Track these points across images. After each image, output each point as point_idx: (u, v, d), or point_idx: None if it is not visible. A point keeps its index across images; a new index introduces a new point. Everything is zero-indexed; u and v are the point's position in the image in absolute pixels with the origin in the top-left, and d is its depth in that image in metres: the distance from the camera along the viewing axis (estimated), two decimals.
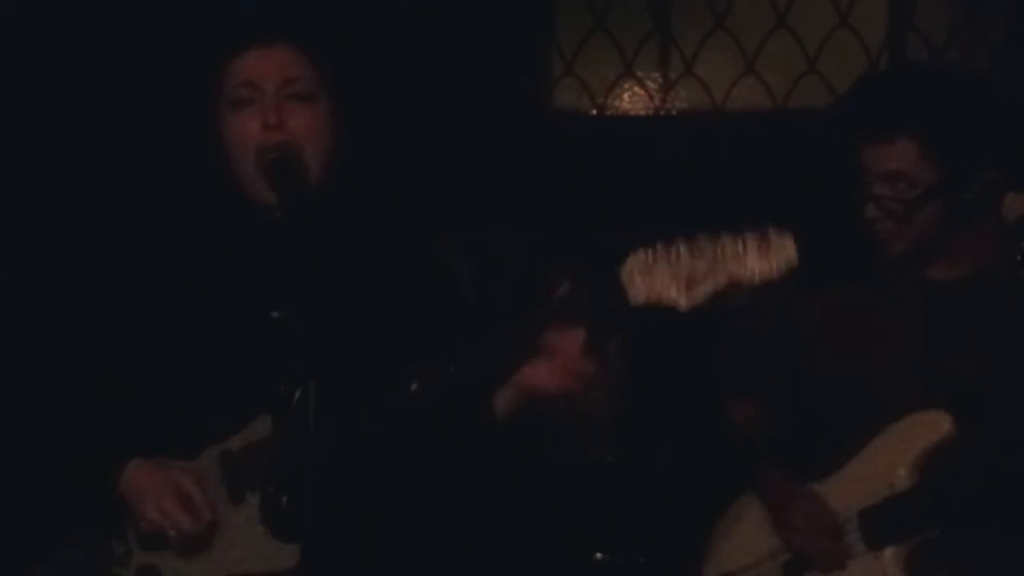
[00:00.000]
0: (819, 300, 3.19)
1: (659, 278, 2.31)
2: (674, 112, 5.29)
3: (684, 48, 5.24)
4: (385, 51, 4.45)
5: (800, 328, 3.17)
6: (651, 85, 5.31)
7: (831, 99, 5.09)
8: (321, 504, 2.33)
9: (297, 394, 2.42)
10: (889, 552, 3.00)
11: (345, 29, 2.74)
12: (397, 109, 4.44)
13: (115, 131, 4.05)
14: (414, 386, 2.41)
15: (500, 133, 4.96)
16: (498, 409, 2.48)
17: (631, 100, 5.34)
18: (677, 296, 2.32)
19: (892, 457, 3.01)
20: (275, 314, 2.45)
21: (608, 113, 5.33)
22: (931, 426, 2.98)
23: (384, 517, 2.58)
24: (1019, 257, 3.02)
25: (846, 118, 3.14)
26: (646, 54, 5.29)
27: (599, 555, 4.11)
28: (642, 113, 5.32)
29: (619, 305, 2.34)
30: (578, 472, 4.18)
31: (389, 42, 4.53)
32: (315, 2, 2.74)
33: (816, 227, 2.60)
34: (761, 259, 2.30)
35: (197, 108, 2.55)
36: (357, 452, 2.44)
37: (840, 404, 3.12)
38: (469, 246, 4.99)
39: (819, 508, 3.07)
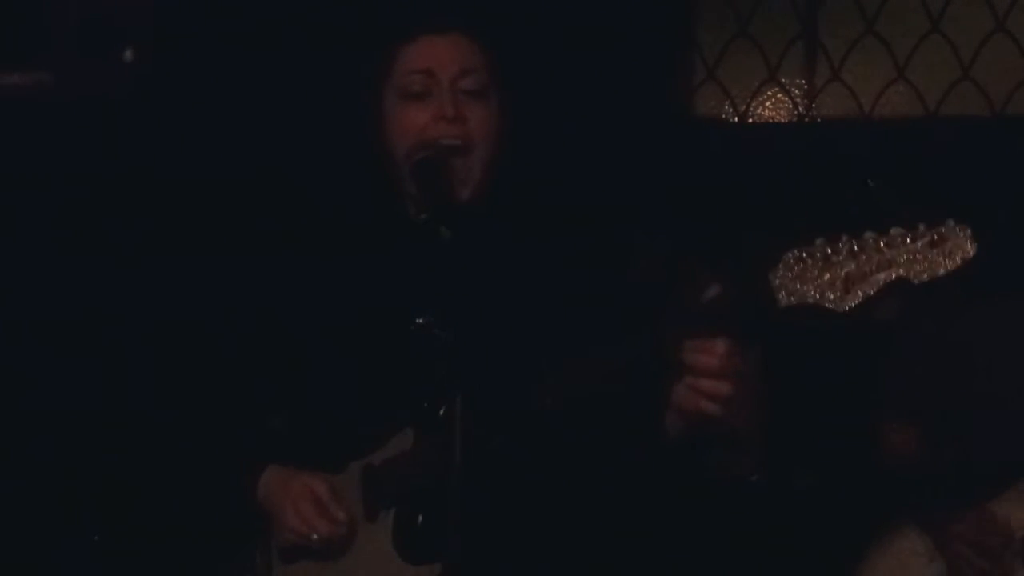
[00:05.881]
0: (989, 315, 3.04)
1: (814, 280, 2.13)
2: (819, 120, 5.14)
3: (832, 54, 5.09)
4: (543, 51, 4.37)
5: (971, 348, 3.03)
6: (796, 92, 5.17)
7: (986, 107, 4.91)
8: (460, 524, 2.20)
9: (442, 408, 2.32)
10: None
11: (510, 24, 2.63)
12: (551, 110, 4.36)
13: (272, 120, 3.98)
14: (540, 401, 2.29)
15: (640, 139, 4.85)
16: (667, 429, 2.33)
17: (775, 107, 5.20)
18: (835, 299, 2.13)
19: None
20: (419, 320, 2.34)
21: (751, 120, 5.20)
22: None
23: (527, 538, 2.46)
24: None
25: None
26: (791, 60, 5.15)
27: None
28: (786, 120, 5.18)
29: (767, 311, 2.17)
30: (721, 491, 4.04)
31: (545, 43, 4.44)
32: None
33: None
34: (935, 253, 2.08)
35: (362, 94, 2.44)
36: (497, 469, 2.32)
37: (1008, 425, 2.99)
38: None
39: (984, 528, 2.94)
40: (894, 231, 2.10)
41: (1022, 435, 2.95)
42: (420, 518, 2.35)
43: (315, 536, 2.37)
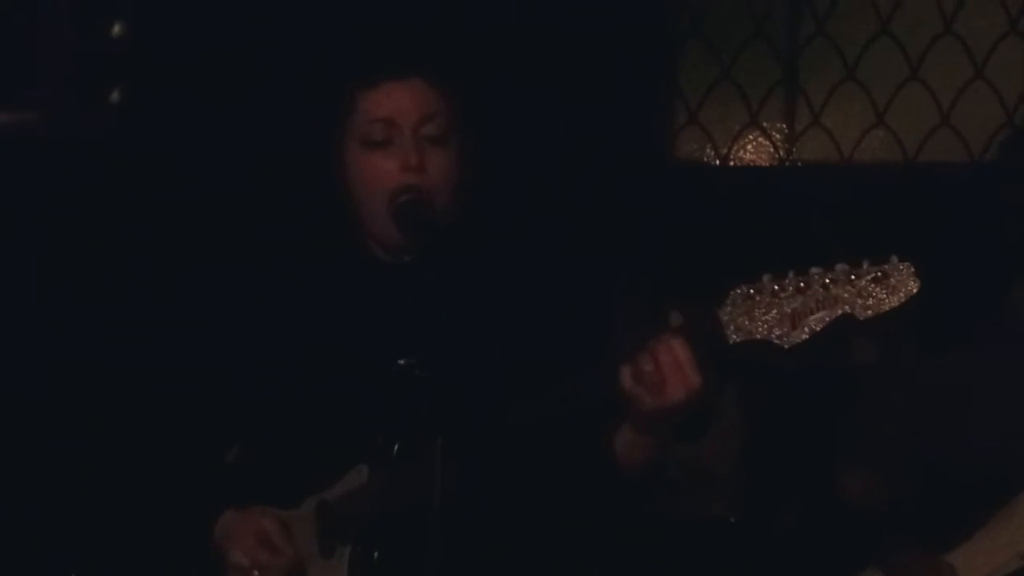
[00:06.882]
0: (949, 364, 3.07)
1: (762, 316, 2.15)
2: (799, 164, 5.19)
3: (812, 99, 5.15)
4: (523, 94, 4.41)
5: (930, 396, 3.06)
6: (776, 136, 5.22)
7: (965, 154, 4.96)
8: (423, 559, 2.22)
9: (396, 445, 2.35)
10: None
11: (475, 68, 2.66)
12: (530, 153, 4.40)
13: (233, 166, 4.02)
14: (501, 434, 2.32)
15: (622, 182, 4.89)
16: (618, 451, 2.36)
17: (755, 151, 5.25)
18: (782, 335, 2.15)
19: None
20: (401, 362, 2.37)
21: (732, 163, 5.24)
22: None
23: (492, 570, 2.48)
24: None
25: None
26: (772, 105, 5.20)
27: None
28: (766, 164, 5.23)
29: (718, 344, 2.19)
30: (697, 531, 4.07)
31: (525, 87, 4.48)
32: (447, 38, 2.67)
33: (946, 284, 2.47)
34: (879, 290, 2.11)
35: (322, 142, 2.47)
36: (471, 507, 2.35)
37: (970, 472, 3.01)
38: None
39: None
40: (839, 267, 2.12)
41: (985, 483, 2.98)
42: (376, 555, 2.37)
43: (256, 572, 2.39)
